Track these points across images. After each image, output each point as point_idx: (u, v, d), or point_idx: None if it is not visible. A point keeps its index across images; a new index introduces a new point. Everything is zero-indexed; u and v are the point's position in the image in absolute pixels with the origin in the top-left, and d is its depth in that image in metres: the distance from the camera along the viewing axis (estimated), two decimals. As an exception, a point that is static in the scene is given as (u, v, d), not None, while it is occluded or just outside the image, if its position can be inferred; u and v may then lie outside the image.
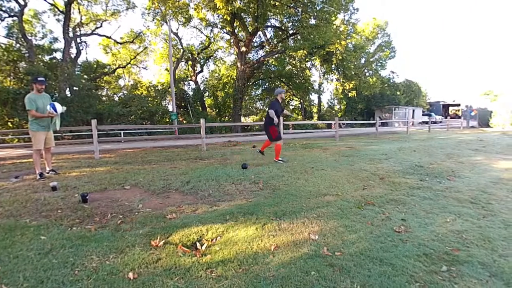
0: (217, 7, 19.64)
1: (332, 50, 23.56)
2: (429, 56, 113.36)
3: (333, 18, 21.32)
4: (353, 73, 27.54)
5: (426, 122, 27.94)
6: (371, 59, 35.13)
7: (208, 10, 22.56)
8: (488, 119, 25.78)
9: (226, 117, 29.20)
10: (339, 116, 33.55)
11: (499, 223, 2.79)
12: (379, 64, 36.22)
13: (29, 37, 21.65)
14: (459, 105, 51.89)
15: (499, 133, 16.98)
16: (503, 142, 10.71)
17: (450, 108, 54.30)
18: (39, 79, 4.99)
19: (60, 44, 23.62)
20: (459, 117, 42.39)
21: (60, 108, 5.04)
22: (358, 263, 2.04)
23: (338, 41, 21.96)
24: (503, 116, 23.74)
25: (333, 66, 27.68)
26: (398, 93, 37.78)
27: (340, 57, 25.55)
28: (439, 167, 5.59)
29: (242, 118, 31.86)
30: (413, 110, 37.86)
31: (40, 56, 22.97)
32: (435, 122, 34.55)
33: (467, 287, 1.77)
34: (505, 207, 3.26)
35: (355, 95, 35.18)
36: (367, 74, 33.04)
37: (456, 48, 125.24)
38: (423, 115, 39.49)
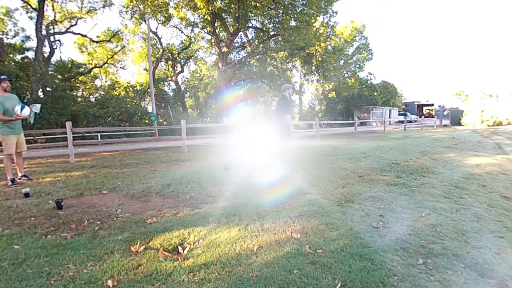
0: (198, 6, 19.45)
1: (312, 51, 23.93)
2: (404, 58, 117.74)
3: (313, 21, 21.71)
4: (332, 74, 28.09)
5: (402, 122, 29.01)
6: (350, 61, 36.08)
7: (188, 10, 22.26)
8: (459, 118, 27.14)
9: (208, 118, 28.91)
10: (319, 116, 34.17)
11: (471, 216, 2.94)
12: (357, 65, 37.23)
13: (0, 36, 20.61)
14: (432, 105, 54.35)
15: (470, 131, 17.95)
16: (474, 139, 11.33)
17: (424, 108, 56.72)
18: (2, 77, 4.75)
19: (33, 43, 22.56)
20: (433, 116, 44.49)
21: (27, 111, 4.78)
22: (339, 260, 2.08)
23: (317, 43, 22.34)
24: (473, 115, 25.07)
25: (313, 67, 28.10)
26: (375, 93, 39.00)
27: (320, 59, 26.00)
28: (414, 164, 5.82)
29: (224, 119, 31.65)
30: (390, 110, 39.28)
31: (11, 55, 21.88)
32: (410, 121, 35.99)
33: (443, 279, 1.85)
34: (477, 201, 3.44)
35: (335, 96, 35.97)
36: (346, 75, 33.85)
37: (429, 50, 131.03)
38: (399, 114, 41.08)
